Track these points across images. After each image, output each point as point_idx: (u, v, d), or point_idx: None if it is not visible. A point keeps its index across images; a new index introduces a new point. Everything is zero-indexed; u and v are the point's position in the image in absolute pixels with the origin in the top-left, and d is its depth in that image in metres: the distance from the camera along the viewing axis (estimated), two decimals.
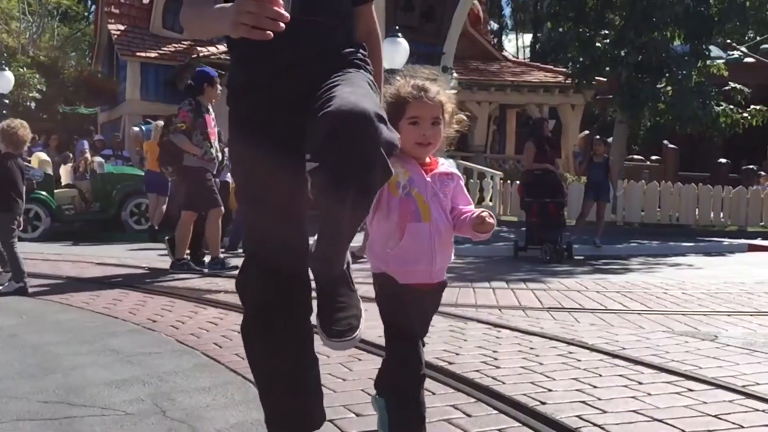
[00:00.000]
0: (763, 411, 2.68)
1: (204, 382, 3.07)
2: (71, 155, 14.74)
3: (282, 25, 1.52)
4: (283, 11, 1.52)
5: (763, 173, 17.21)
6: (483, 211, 2.09)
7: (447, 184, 2.16)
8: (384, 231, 2.10)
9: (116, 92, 19.33)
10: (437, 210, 2.11)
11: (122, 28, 18.50)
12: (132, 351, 3.61)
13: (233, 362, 3.30)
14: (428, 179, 2.12)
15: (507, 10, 40.16)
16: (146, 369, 3.27)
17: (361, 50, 1.96)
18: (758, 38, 24.03)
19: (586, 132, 19.23)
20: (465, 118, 2.24)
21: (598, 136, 12.62)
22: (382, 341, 2.16)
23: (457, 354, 3.53)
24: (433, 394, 2.83)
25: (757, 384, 3.05)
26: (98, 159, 12.63)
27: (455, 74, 14.97)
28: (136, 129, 12.15)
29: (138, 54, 17.63)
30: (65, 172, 13.30)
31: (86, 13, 33.45)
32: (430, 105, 2.10)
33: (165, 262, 7.19)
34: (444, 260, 2.14)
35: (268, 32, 1.52)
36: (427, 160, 2.17)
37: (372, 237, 2.16)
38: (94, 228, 11.92)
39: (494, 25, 35.53)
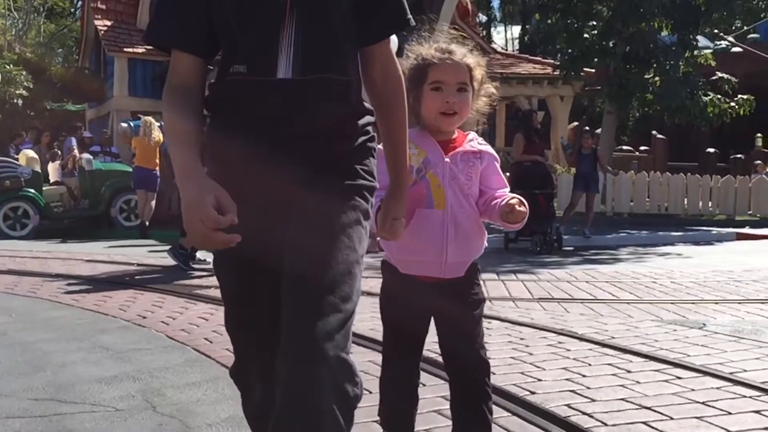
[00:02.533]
0: (750, 397, 2.71)
1: (194, 377, 3.07)
2: (59, 152, 14.66)
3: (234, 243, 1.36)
4: (231, 237, 1.35)
5: (759, 162, 17.28)
6: (512, 198, 1.80)
7: (473, 165, 1.86)
8: None
9: (104, 88, 19.22)
10: (455, 195, 1.83)
11: (109, 23, 18.38)
12: (122, 347, 3.61)
13: (224, 357, 3.30)
14: (447, 159, 1.84)
15: (495, 2, 40.15)
16: (136, 365, 3.26)
17: (369, 120, 1.60)
18: (745, 28, 24.14)
19: (575, 123, 19.27)
20: (495, 91, 1.96)
21: (587, 128, 12.65)
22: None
23: None
24: (424, 385, 2.84)
25: (744, 371, 3.08)
26: (86, 156, 12.56)
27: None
28: (125, 125, 12.07)
29: (125, 50, 17.51)
30: (53, 170, 13.23)
31: (72, 10, 33.23)
32: (455, 68, 1.83)
33: (155, 259, 7.17)
34: (462, 253, 1.86)
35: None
36: (454, 135, 1.89)
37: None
38: (83, 225, 11.88)
39: (483, 18, 35.52)
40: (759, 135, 19.86)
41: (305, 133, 1.47)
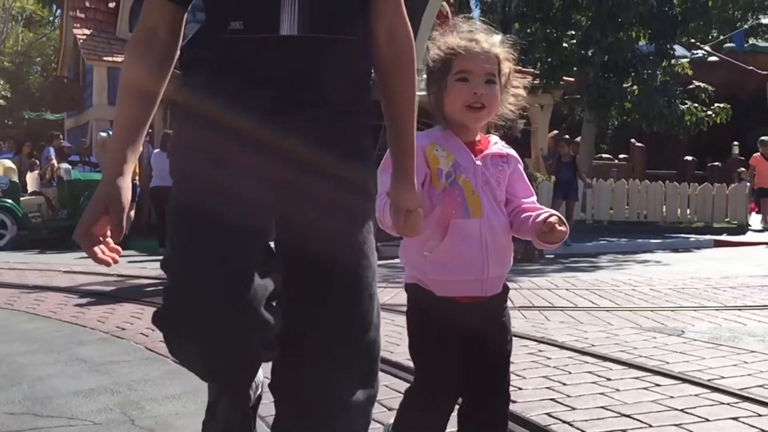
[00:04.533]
0: (728, 404, 2.73)
1: (174, 389, 3.04)
2: (37, 162, 14.52)
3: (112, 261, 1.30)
4: (105, 260, 1.29)
5: (743, 168, 17.47)
6: (552, 215, 1.62)
7: (502, 169, 1.70)
8: (423, 229, 1.60)
9: (83, 97, 19.07)
10: (490, 202, 1.66)
11: (88, 32, 18.24)
12: (100, 360, 3.57)
13: None
14: (478, 162, 1.67)
15: (476, 12, 40.45)
16: (115, 378, 3.23)
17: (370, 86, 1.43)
18: (721, 37, 24.48)
19: (555, 132, 19.43)
20: (523, 92, 1.80)
21: (567, 136, 12.75)
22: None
23: None
24: None
25: (722, 378, 3.11)
26: (65, 165, 12.44)
27: (425, 75, 14.98)
28: (104, 134, 11.99)
29: (104, 58, 17.39)
30: (31, 180, 13.09)
31: (51, 18, 32.98)
32: (482, 57, 1.66)
33: (134, 269, 7.11)
34: (500, 266, 1.70)
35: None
36: (477, 137, 1.71)
37: (405, 238, 1.67)
38: (61, 236, 11.74)
39: None
40: (736, 143, 20.12)
41: (311, 99, 1.27)
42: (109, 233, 1.29)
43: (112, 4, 19.10)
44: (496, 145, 1.73)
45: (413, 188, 1.47)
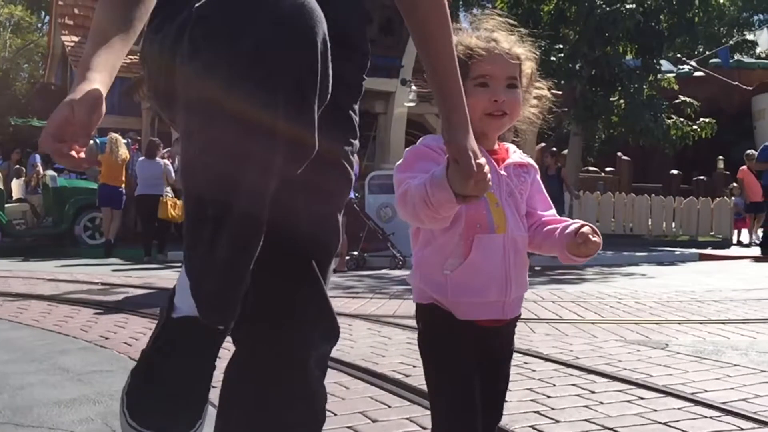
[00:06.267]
0: (711, 417, 2.74)
1: None
2: (23, 169, 14.44)
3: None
4: (77, 161, 1.13)
5: (735, 184, 17.64)
6: (584, 226, 1.50)
7: (524, 180, 1.58)
8: (442, 245, 1.49)
9: None
10: (513, 216, 1.53)
11: (76, 39, 18.23)
12: (83, 369, 3.54)
13: None
14: (503, 173, 1.54)
15: (465, 24, 40.72)
16: (97, 387, 3.20)
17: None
18: (707, 53, 24.74)
19: (543, 144, 19.53)
20: (547, 93, 1.67)
21: (554, 148, 12.82)
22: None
23: (414, 366, 3.53)
24: (389, 407, 2.83)
25: (706, 391, 3.12)
26: (50, 173, 12.38)
27: (414, 87, 15.08)
28: (91, 142, 11.96)
29: None
30: (17, 187, 13.02)
31: (39, 25, 32.87)
32: (503, 60, 1.53)
33: (119, 278, 7.07)
34: (521, 287, 1.55)
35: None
36: (496, 145, 1.58)
37: (421, 254, 1.54)
38: (46, 243, 11.67)
39: None
40: (721, 157, 20.32)
41: (310, 20, 1.08)
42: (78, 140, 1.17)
43: None
44: (516, 153, 1.60)
45: (469, 128, 1.32)
